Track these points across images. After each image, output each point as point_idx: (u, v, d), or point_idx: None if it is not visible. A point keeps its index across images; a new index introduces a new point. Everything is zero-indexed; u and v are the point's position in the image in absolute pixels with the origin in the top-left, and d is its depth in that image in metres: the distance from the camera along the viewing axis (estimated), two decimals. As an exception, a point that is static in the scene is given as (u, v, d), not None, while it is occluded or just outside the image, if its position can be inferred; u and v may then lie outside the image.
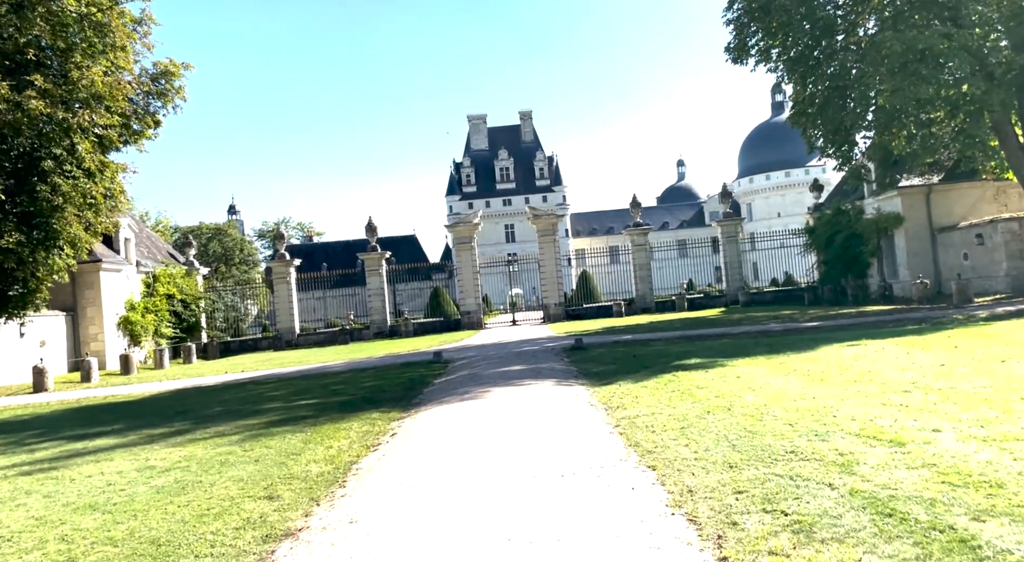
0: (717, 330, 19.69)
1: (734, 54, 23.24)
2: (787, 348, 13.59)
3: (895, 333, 14.66)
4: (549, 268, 36.41)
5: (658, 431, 7.59)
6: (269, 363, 24.19)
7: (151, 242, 35.60)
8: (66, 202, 21.33)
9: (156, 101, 24.79)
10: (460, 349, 22.24)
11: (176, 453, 8.90)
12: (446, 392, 12.18)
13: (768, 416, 7.66)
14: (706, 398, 9.13)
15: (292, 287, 36.53)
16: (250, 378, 18.67)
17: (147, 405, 14.83)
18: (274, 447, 8.75)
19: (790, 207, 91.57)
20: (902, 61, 17.76)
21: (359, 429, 9.50)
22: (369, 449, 8.25)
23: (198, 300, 34.04)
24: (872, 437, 6.34)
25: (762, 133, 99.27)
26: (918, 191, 27.11)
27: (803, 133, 23.52)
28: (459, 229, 37.43)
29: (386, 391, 13.26)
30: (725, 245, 36.57)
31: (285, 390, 15.07)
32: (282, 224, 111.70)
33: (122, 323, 29.01)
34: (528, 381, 12.48)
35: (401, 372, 16.32)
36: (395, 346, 27.51)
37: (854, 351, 12.26)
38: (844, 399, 8.20)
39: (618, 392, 10.46)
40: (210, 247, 77.45)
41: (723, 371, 11.37)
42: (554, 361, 15.59)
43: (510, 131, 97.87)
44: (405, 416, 10.30)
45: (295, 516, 5.76)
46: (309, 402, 12.75)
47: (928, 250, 27.05)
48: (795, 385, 9.47)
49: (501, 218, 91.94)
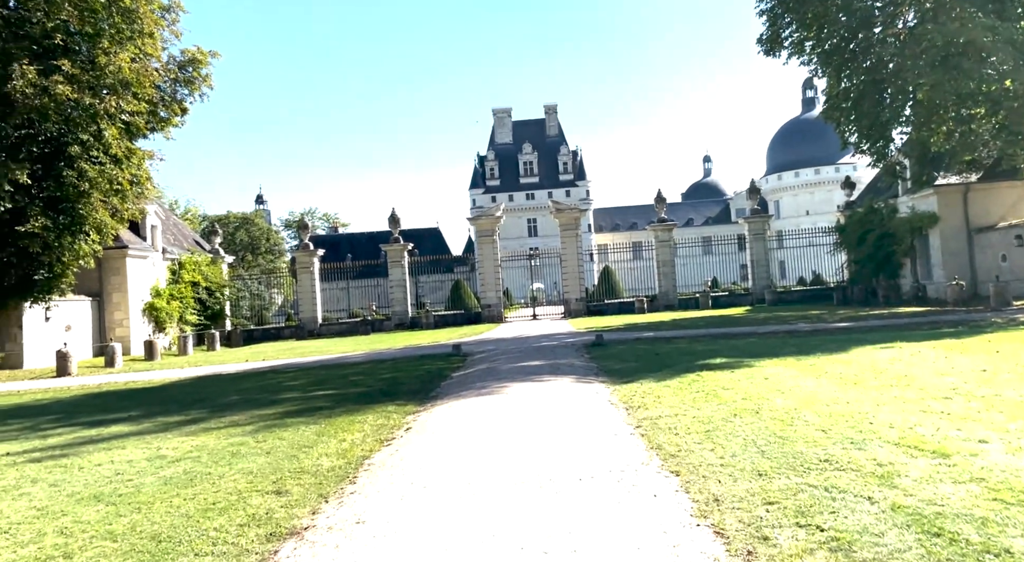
0: (743, 329, 19.22)
1: (767, 46, 22.61)
2: (817, 349, 13.14)
3: (931, 336, 14.12)
4: (571, 263, 36.03)
5: (681, 434, 7.26)
6: (290, 352, 24.16)
7: (177, 229, 35.83)
8: (92, 188, 21.44)
9: (183, 88, 24.89)
10: (479, 342, 22.00)
11: (188, 443, 8.75)
12: (463, 386, 11.94)
13: (799, 421, 7.30)
14: (732, 400, 8.77)
15: (315, 277, 36.56)
16: (270, 367, 18.61)
17: (166, 392, 14.79)
18: (287, 439, 8.56)
19: (819, 205, 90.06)
20: (943, 54, 17.09)
21: (374, 422, 9.29)
22: (383, 443, 8.03)
23: (223, 288, 34.20)
24: (913, 447, 5.96)
25: (792, 129, 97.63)
26: (955, 190, 26.28)
27: (837, 128, 22.84)
28: (481, 222, 37.18)
29: (403, 383, 13.05)
30: (752, 242, 35.88)
31: (303, 380, 14.94)
32: (308, 215, 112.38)
33: (147, 309, 29.21)
34: (546, 377, 12.19)
35: (419, 364, 16.12)
36: (415, 338, 27.37)
37: (888, 354, 11.79)
38: (880, 404, 7.80)
39: (639, 391, 10.13)
40: (237, 236, 78.15)
41: (750, 372, 10.98)
42: (574, 357, 15.28)
43: (535, 125, 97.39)
44: (421, 410, 10.07)
45: (302, 513, 5.54)
46: (326, 393, 12.58)
47: (964, 251, 26.23)
48: (827, 388, 9.07)
49: (524, 212, 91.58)
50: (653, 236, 36.91)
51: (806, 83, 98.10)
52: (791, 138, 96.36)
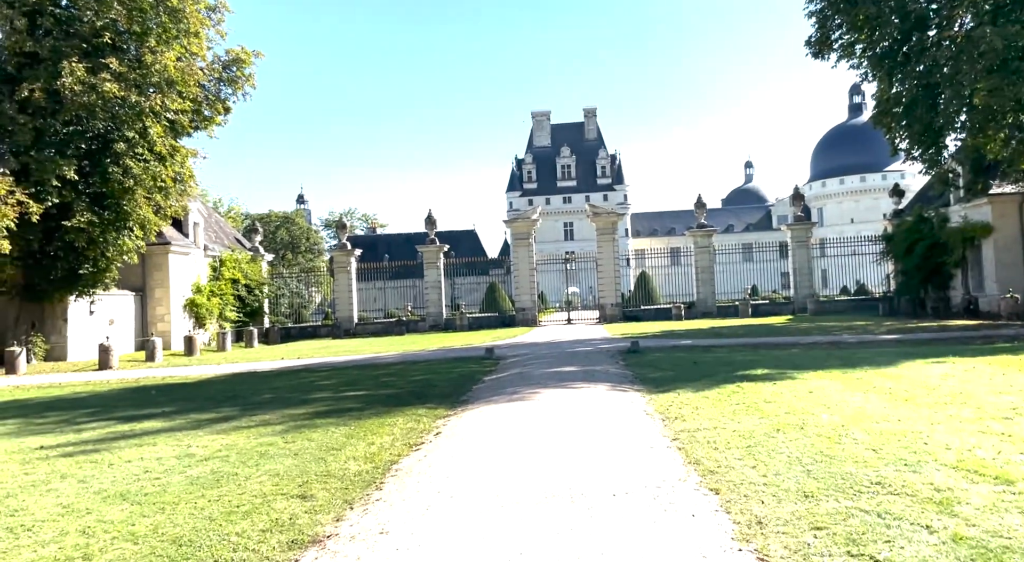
0: (785, 339, 18.67)
1: (815, 48, 21.97)
2: (863, 362, 12.62)
3: (985, 351, 13.47)
4: (607, 267, 35.63)
5: (721, 448, 6.94)
6: (325, 351, 24.28)
7: (219, 227, 36.40)
8: (137, 184, 21.83)
9: (227, 88, 25.24)
10: (513, 346, 21.80)
11: (218, 441, 8.71)
12: (495, 391, 11.74)
13: (847, 439, 6.92)
14: (775, 414, 8.40)
15: (352, 277, 36.78)
16: (304, 365, 18.67)
17: (201, 388, 14.89)
18: (316, 440, 8.46)
19: (864, 213, 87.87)
20: (1002, 58, 16.34)
21: (403, 426, 9.14)
22: (411, 448, 7.87)
23: (262, 286, 34.61)
24: (973, 471, 5.57)
25: (837, 135, 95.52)
26: (1010, 199, 25.21)
27: (886, 134, 22.06)
28: (517, 225, 37.00)
29: (435, 386, 12.91)
30: (795, 250, 35.02)
31: (336, 380, 14.91)
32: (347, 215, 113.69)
33: (188, 305, 29.68)
34: (580, 384, 11.92)
35: (452, 367, 15.97)
36: (449, 339, 27.29)
37: (940, 369, 11.24)
38: (934, 424, 7.37)
39: (676, 401, 9.80)
40: (278, 235, 79.44)
41: (793, 384, 10.56)
42: (608, 364, 14.97)
43: (573, 128, 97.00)
44: (451, 414, 9.90)
45: (326, 520, 5.39)
46: (357, 394, 12.50)
47: (1019, 263, 25.13)
48: (876, 404, 8.64)
49: (561, 216, 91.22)
50: (692, 241, 36.30)
51: (853, 89, 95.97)
52: (836, 144, 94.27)
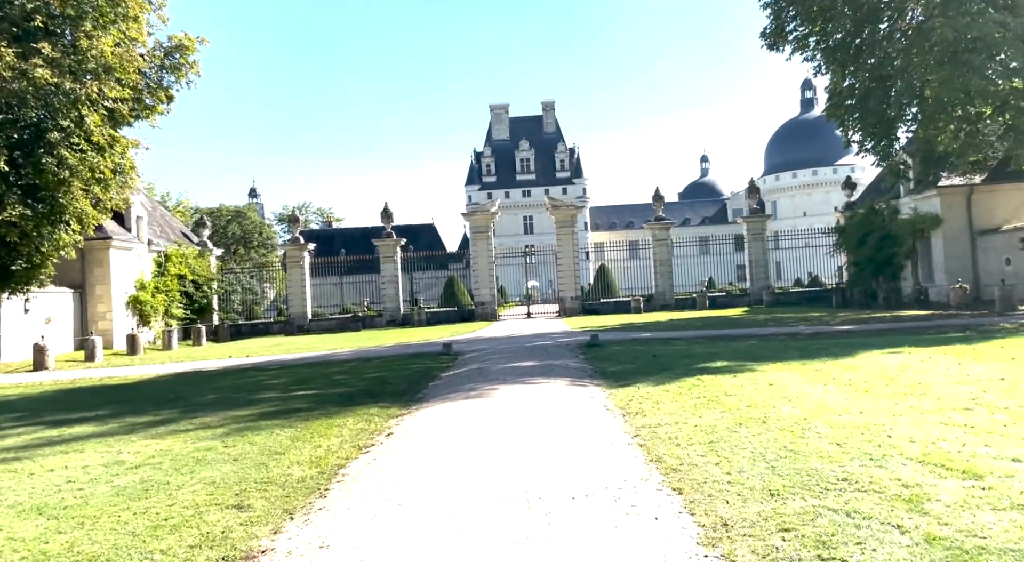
0: (742, 331, 18.68)
1: (770, 40, 22.03)
2: (821, 353, 12.60)
3: (939, 341, 13.59)
4: (567, 261, 35.47)
5: (683, 445, 6.70)
6: (277, 348, 23.54)
7: (165, 221, 35.11)
8: (73, 176, 20.73)
9: (169, 75, 24.15)
10: (471, 341, 21.43)
11: (153, 446, 8.17)
12: (451, 388, 11.36)
13: (810, 433, 6.74)
14: (736, 407, 8.21)
15: (306, 272, 35.92)
16: (253, 364, 18.00)
17: (141, 389, 14.17)
18: (258, 444, 7.99)
19: (816, 206, 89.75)
20: (953, 50, 16.56)
21: (353, 426, 8.71)
22: (360, 450, 7.46)
23: (210, 281, 33.53)
24: (940, 465, 5.41)
25: (790, 130, 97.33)
26: (959, 191, 25.77)
27: (840, 126, 22.30)
28: (476, 217, 36.57)
29: (389, 384, 12.47)
30: (751, 242, 35.36)
31: (285, 378, 14.35)
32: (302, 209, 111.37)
33: (131, 302, 28.53)
34: (539, 379, 11.62)
35: (408, 363, 15.54)
36: (406, 335, 26.77)
37: (897, 359, 11.25)
38: (896, 415, 7.25)
39: (637, 395, 9.58)
40: (229, 229, 77.29)
41: (753, 377, 10.43)
42: (568, 358, 14.71)
43: (532, 122, 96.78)
44: (405, 413, 9.50)
45: (262, 533, 4.96)
46: (307, 393, 12.00)
47: (967, 254, 25.74)
48: (836, 396, 8.52)
49: (520, 209, 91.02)
50: (650, 234, 36.38)
51: (805, 84, 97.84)
52: (789, 139, 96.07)
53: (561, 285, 36.14)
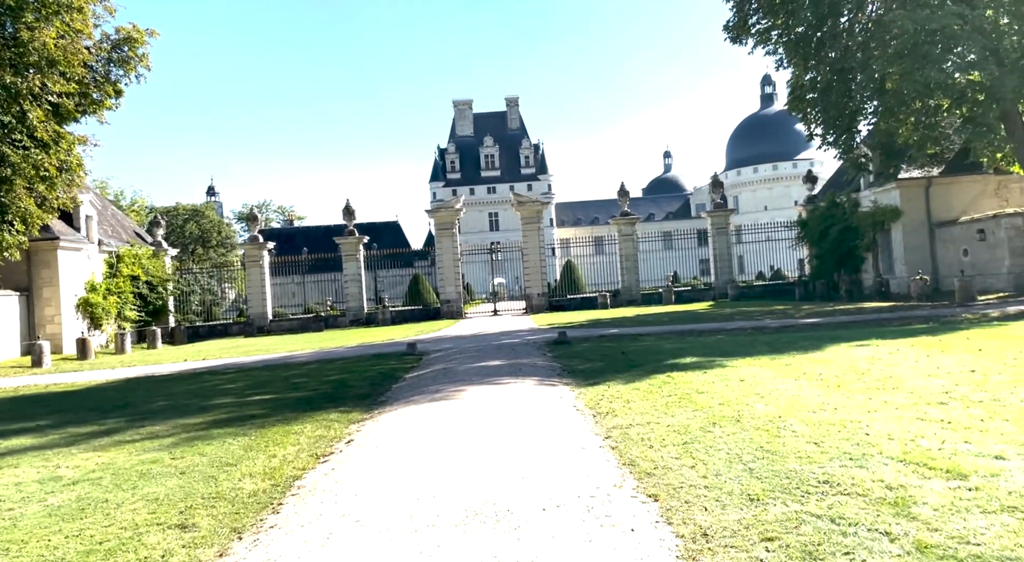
0: (709, 325, 18.61)
1: (733, 33, 22.01)
2: (790, 347, 12.50)
3: (905, 333, 13.61)
4: (533, 257, 35.21)
5: (656, 446, 6.44)
6: (235, 350, 22.83)
7: (116, 221, 33.90)
8: (15, 174, 19.82)
9: (117, 69, 23.28)
10: (437, 340, 21.02)
11: (94, 460, 7.65)
12: (416, 390, 10.98)
13: (786, 431, 6.53)
14: (709, 405, 7.99)
15: (265, 271, 35.06)
16: (209, 367, 17.34)
17: (88, 396, 13.48)
18: (209, 455, 7.52)
19: (777, 200, 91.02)
20: (913, 42, 16.66)
21: (311, 434, 8.29)
22: (318, 460, 7.06)
23: (165, 282, 32.49)
24: (922, 464, 5.22)
25: (751, 125, 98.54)
26: (917, 184, 26.14)
27: (802, 120, 22.40)
28: (441, 214, 36.09)
29: (351, 387, 12.04)
30: (715, 237, 35.49)
31: (242, 382, 13.79)
32: (262, 207, 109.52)
33: (81, 305, 27.45)
34: (507, 379, 11.29)
35: (371, 365, 15.08)
36: (370, 335, 26.23)
37: (866, 352, 11.18)
38: (871, 411, 7.09)
39: (607, 394, 9.32)
40: (187, 229, 75.43)
41: (723, 373, 10.25)
42: (536, 356, 14.42)
43: (496, 118, 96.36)
44: (367, 418, 9.10)
45: (207, 555, 4.56)
46: (264, 397, 11.50)
47: (926, 245, 26.13)
48: (809, 392, 8.35)
49: (485, 206, 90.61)
50: (616, 230, 36.31)
51: (764, 79, 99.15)
52: (750, 134, 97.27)
53: (527, 282, 35.87)
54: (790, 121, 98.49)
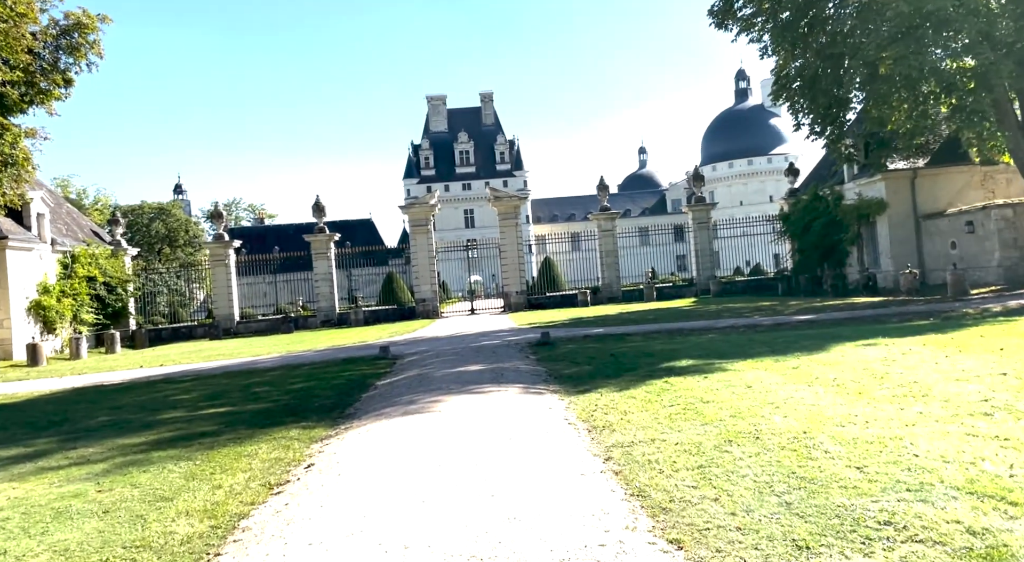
0: (698, 323, 17.76)
1: (718, 18, 21.21)
2: (791, 347, 11.66)
3: (909, 330, 12.84)
4: (510, 253, 34.21)
5: (667, 471, 5.50)
6: (196, 355, 21.53)
7: (72, 219, 32.20)
8: (-48, 168, 18.34)
9: (67, 57, 21.84)
10: (411, 342, 19.93)
11: (7, 493, 6.55)
12: (387, 400, 9.93)
13: (817, 451, 5.61)
14: (719, 417, 7.07)
15: (231, 270, 33.64)
16: (165, 374, 16.10)
17: (24, 410, 12.22)
18: (143, 485, 6.44)
19: (752, 196, 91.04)
20: (908, 24, 15.94)
21: (266, 456, 7.23)
22: (271, 491, 6.02)
23: (125, 283, 30.92)
24: (999, 498, 4.31)
25: (725, 120, 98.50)
26: (903, 175, 25.59)
27: (790, 109, 21.65)
28: (415, 210, 34.93)
29: (316, 397, 10.96)
30: (696, 231, 34.75)
31: (198, 392, 12.62)
32: (232, 205, 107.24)
33: (33, 308, 25.87)
34: (488, 387, 10.28)
35: (339, 371, 13.98)
36: (341, 336, 25.04)
37: (876, 353, 10.35)
38: (909, 425, 6.20)
39: (600, 404, 8.38)
40: (153, 227, 73.23)
41: (726, 377, 9.35)
42: (518, 359, 13.43)
43: (470, 113, 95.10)
44: (331, 436, 8.05)
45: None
46: (218, 411, 10.38)
47: (912, 238, 25.60)
48: (829, 400, 7.47)
49: (461, 203, 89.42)
50: (596, 225, 35.45)
51: (739, 74, 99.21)
52: (725, 129, 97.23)
53: (505, 279, 34.87)
54: (765, 116, 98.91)
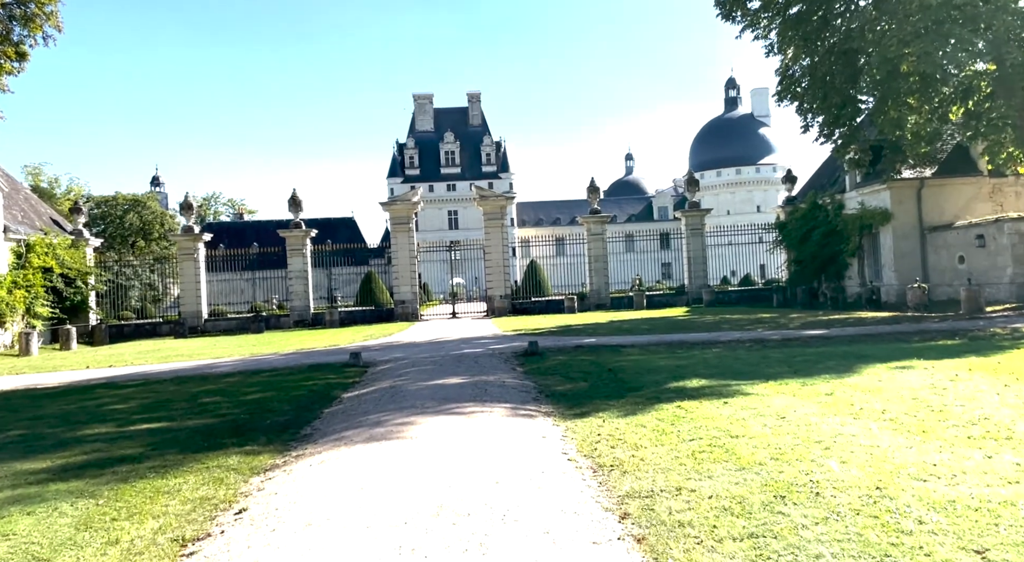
0: (698, 335, 16.41)
1: (725, 7, 19.97)
2: (816, 368, 10.32)
3: (942, 351, 11.56)
4: (495, 255, 32.77)
5: (707, 541, 4.12)
6: (153, 355, 19.85)
7: (30, 206, 30.27)
8: None
9: (21, 28, 20.17)
10: (387, 347, 18.41)
11: None
12: (351, 419, 8.45)
13: (908, 519, 4.23)
14: (756, 459, 5.70)
15: (200, 265, 31.89)
16: (110, 377, 14.47)
17: (-68, 418, 10.56)
18: (18, 535, 4.98)
19: (739, 205, 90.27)
20: (934, 19, 14.75)
21: (191, 494, 5.76)
22: (182, 549, 4.57)
23: (86, 276, 29.07)
24: None
25: (715, 128, 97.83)
26: (909, 185, 24.47)
27: (798, 109, 20.42)
28: (396, 208, 33.39)
29: (271, 411, 9.45)
30: (689, 238, 33.49)
31: (137, 401, 11.04)
32: (211, 199, 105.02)
33: (-20, 299, 24.04)
34: (470, 406, 8.83)
35: (303, 379, 12.46)
36: (312, 339, 23.43)
37: (917, 378, 9.03)
38: (1010, 482, 4.84)
39: (604, 433, 7.00)
40: (126, 219, 71.13)
41: (749, 403, 7.98)
42: (504, 372, 11.99)
43: (457, 113, 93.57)
44: (277, 465, 6.59)
45: None
46: (152, 426, 8.83)
47: (916, 251, 24.46)
48: (889, 440, 6.11)
49: (445, 203, 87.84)
50: (585, 229, 34.10)
51: (729, 82, 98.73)
52: (714, 137, 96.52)
53: (489, 282, 33.41)
54: (754, 125, 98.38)
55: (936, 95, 17.04)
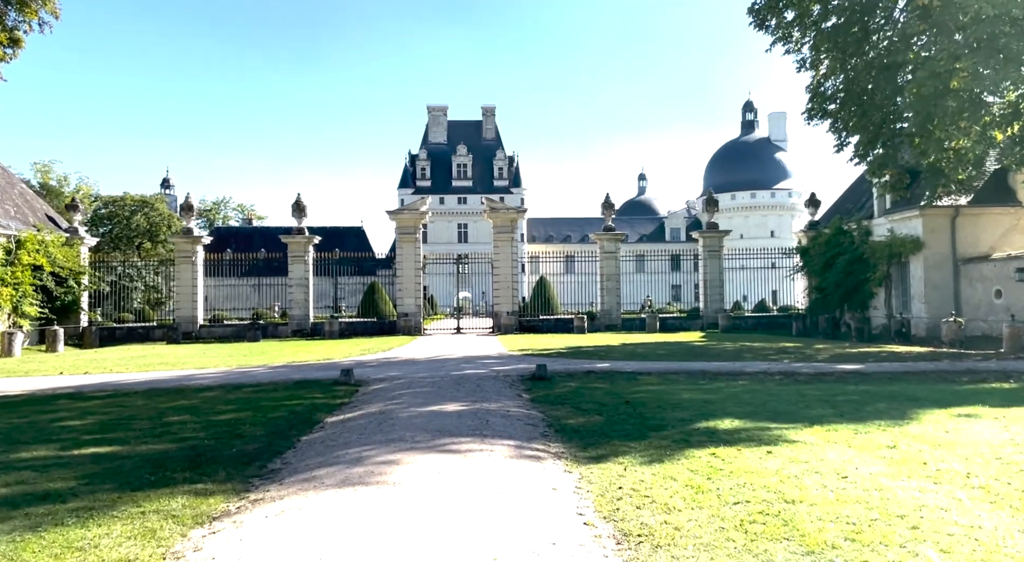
0: (721, 365, 15.10)
1: (759, 16, 18.88)
2: (862, 411, 9.04)
3: (1005, 397, 10.23)
4: (504, 270, 31.58)
5: None
6: (137, 362, 18.70)
7: (25, 201, 29.32)
8: None
9: (16, 14, 19.27)
10: (384, 364, 17.19)
11: None
12: (329, 452, 7.25)
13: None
14: (825, 538, 4.49)
15: (198, 269, 30.83)
16: (78, 386, 13.31)
17: None
18: None
19: (752, 229, 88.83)
20: (989, 31, 13.58)
21: (108, 554, 4.61)
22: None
23: (79, 275, 28.05)
24: None
25: (731, 151, 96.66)
26: (943, 213, 23.17)
27: (832, 127, 19.24)
28: (403, 217, 32.30)
29: (239, 437, 8.26)
30: (707, 260, 32.19)
31: (96, 416, 9.86)
32: (220, 204, 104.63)
33: (-36, 296, 23.03)
34: (467, 441, 7.61)
35: (285, 398, 11.26)
36: (307, 350, 22.23)
37: (991, 430, 7.76)
38: None
39: (627, 486, 5.80)
40: (133, 221, 70.53)
41: (798, 455, 6.73)
42: (509, 398, 10.76)
43: (471, 126, 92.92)
44: (228, 513, 5.40)
45: None
46: (100, 451, 7.65)
47: (949, 283, 23.10)
48: (990, 518, 4.86)
49: (455, 217, 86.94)
50: (598, 246, 32.86)
51: (747, 106, 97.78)
52: (729, 160, 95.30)
53: (496, 297, 32.19)
54: (771, 149, 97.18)
55: (986, 115, 15.83)
